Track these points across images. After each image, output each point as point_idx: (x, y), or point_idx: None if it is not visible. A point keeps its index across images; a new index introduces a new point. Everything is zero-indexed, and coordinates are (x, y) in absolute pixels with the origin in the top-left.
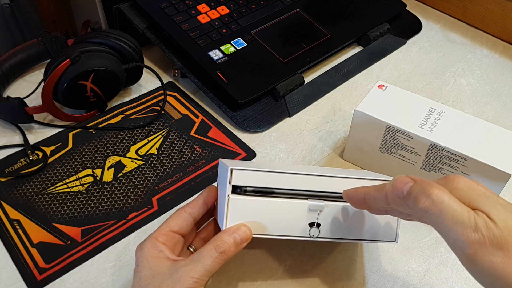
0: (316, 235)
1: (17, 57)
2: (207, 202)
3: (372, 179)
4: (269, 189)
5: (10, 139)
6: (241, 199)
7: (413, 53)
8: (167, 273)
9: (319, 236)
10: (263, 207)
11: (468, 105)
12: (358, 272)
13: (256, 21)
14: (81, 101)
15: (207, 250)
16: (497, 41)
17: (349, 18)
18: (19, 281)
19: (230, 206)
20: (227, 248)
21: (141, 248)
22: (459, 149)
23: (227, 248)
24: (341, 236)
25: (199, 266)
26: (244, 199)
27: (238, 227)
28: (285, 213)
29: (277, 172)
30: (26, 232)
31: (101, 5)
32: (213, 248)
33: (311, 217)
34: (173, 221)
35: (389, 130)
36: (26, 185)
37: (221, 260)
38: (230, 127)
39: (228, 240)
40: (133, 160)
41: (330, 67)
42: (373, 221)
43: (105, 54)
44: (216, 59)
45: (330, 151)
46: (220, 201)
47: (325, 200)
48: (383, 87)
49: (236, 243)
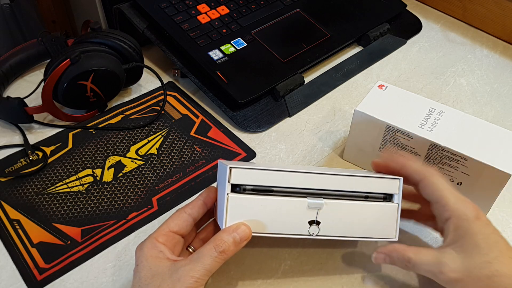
0: (315, 233)
1: (17, 57)
2: (206, 202)
3: (372, 177)
4: (268, 187)
5: (10, 139)
6: (240, 197)
7: (413, 53)
8: (167, 273)
9: (318, 234)
10: (262, 206)
11: (468, 105)
12: (358, 272)
13: (256, 21)
14: (81, 101)
15: (207, 249)
16: (497, 41)
17: (349, 18)
18: (19, 281)
19: (230, 204)
20: (226, 248)
21: (141, 248)
22: (459, 149)
23: (227, 247)
24: (341, 234)
25: (199, 265)
26: (243, 197)
27: (237, 226)
28: (284, 211)
29: (276, 171)
30: (26, 232)
31: (101, 5)
32: (213, 247)
33: (310, 215)
34: (173, 221)
35: (389, 130)
36: (26, 185)
37: (221, 259)
38: (230, 127)
39: (227, 239)
40: (133, 160)
41: (330, 67)
42: (372, 218)
43: (105, 54)
44: (216, 59)
45: (330, 151)
46: (219, 201)
47: (324, 198)
48: (383, 87)
49: (236, 242)
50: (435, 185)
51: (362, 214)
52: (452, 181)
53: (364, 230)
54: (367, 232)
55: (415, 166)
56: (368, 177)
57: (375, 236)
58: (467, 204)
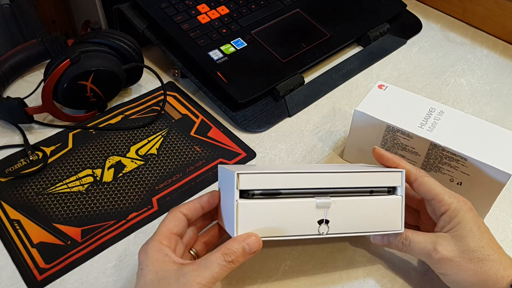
0: (325, 231)
1: (17, 57)
2: (204, 206)
3: (376, 172)
4: (276, 190)
5: (10, 139)
6: (249, 203)
7: (413, 53)
8: (173, 277)
9: (328, 233)
10: (271, 209)
11: (468, 105)
12: (358, 272)
13: (256, 21)
14: (81, 101)
15: (216, 257)
16: (497, 41)
17: (349, 18)
18: (19, 281)
19: (240, 211)
20: (235, 258)
21: (146, 252)
22: (459, 149)
23: (236, 258)
24: (350, 231)
25: (207, 272)
26: (253, 203)
27: (248, 236)
28: (293, 213)
29: (282, 173)
30: (26, 232)
31: (101, 5)
32: (222, 256)
33: (319, 214)
34: (171, 222)
35: (389, 130)
36: (26, 185)
37: (229, 268)
38: (230, 127)
39: (237, 249)
40: (133, 160)
41: (330, 67)
42: (378, 212)
43: (105, 54)
44: (216, 59)
45: (330, 151)
46: (226, 206)
47: (331, 196)
48: (383, 87)
49: (245, 253)
50: (429, 184)
51: (369, 209)
52: (452, 181)
53: (371, 224)
54: (374, 226)
55: (408, 167)
56: (372, 172)
57: (382, 230)
58: (460, 198)
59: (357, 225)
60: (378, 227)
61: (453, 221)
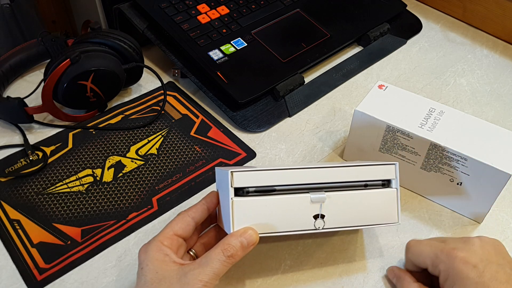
0: (321, 226)
1: (17, 57)
2: (209, 207)
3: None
4: (271, 187)
5: (10, 139)
6: (244, 200)
7: (413, 53)
8: (174, 277)
9: (324, 227)
10: (267, 206)
11: (468, 105)
12: (358, 272)
13: (256, 21)
14: (81, 101)
15: (215, 253)
16: (497, 41)
17: (349, 18)
18: (19, 281)
19: (235, 208)
20: (234, 252)
21: (146, 251)
22: (459, 149)
23: (235, 252)
24: (346, 224)
25: (208, 269)
26: (248, 200)
27: (244, 230)
28: (289, 209)
29: (276, 170)
30: (26, 232)
31: (101, 5)
32: (221, 251)
33: (314, 209)
34: (177, 224)
35: (389, 130)
36: (26, 185)
37: (229, 263)
38: (230, 127)
39: (235, 244)
40: (133, 160)
41: (330, 67)
42: (374, 205)
43: (105, 54)
44: (216, 59)
45: (330, 151)
46: (223, 206)
47: (326, 191)
48: (383, 87)
49: (243, 247)
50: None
51: (364, 202)
52: (452, 181)
53: (367, 217)
54: (370, 219)
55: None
56: (365, 166)
57: (378, 223)
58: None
59: (353, 219)
60: (375, 220)
61: (447, 282)
